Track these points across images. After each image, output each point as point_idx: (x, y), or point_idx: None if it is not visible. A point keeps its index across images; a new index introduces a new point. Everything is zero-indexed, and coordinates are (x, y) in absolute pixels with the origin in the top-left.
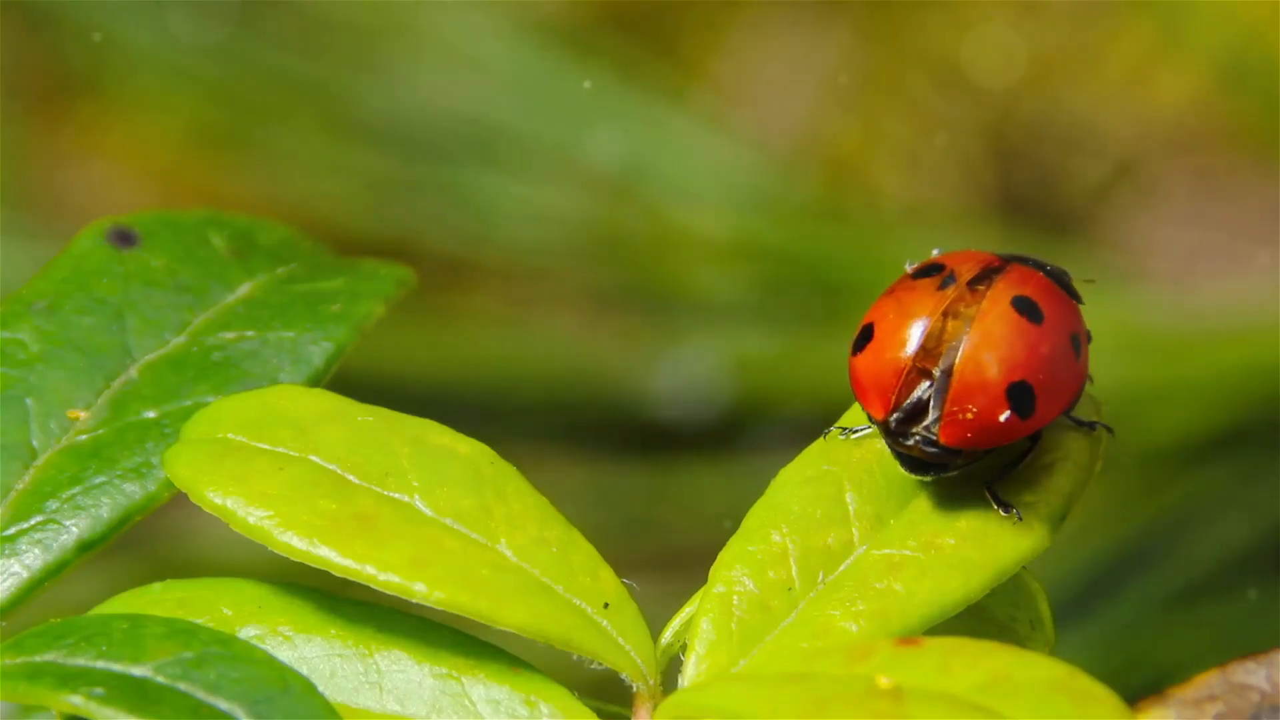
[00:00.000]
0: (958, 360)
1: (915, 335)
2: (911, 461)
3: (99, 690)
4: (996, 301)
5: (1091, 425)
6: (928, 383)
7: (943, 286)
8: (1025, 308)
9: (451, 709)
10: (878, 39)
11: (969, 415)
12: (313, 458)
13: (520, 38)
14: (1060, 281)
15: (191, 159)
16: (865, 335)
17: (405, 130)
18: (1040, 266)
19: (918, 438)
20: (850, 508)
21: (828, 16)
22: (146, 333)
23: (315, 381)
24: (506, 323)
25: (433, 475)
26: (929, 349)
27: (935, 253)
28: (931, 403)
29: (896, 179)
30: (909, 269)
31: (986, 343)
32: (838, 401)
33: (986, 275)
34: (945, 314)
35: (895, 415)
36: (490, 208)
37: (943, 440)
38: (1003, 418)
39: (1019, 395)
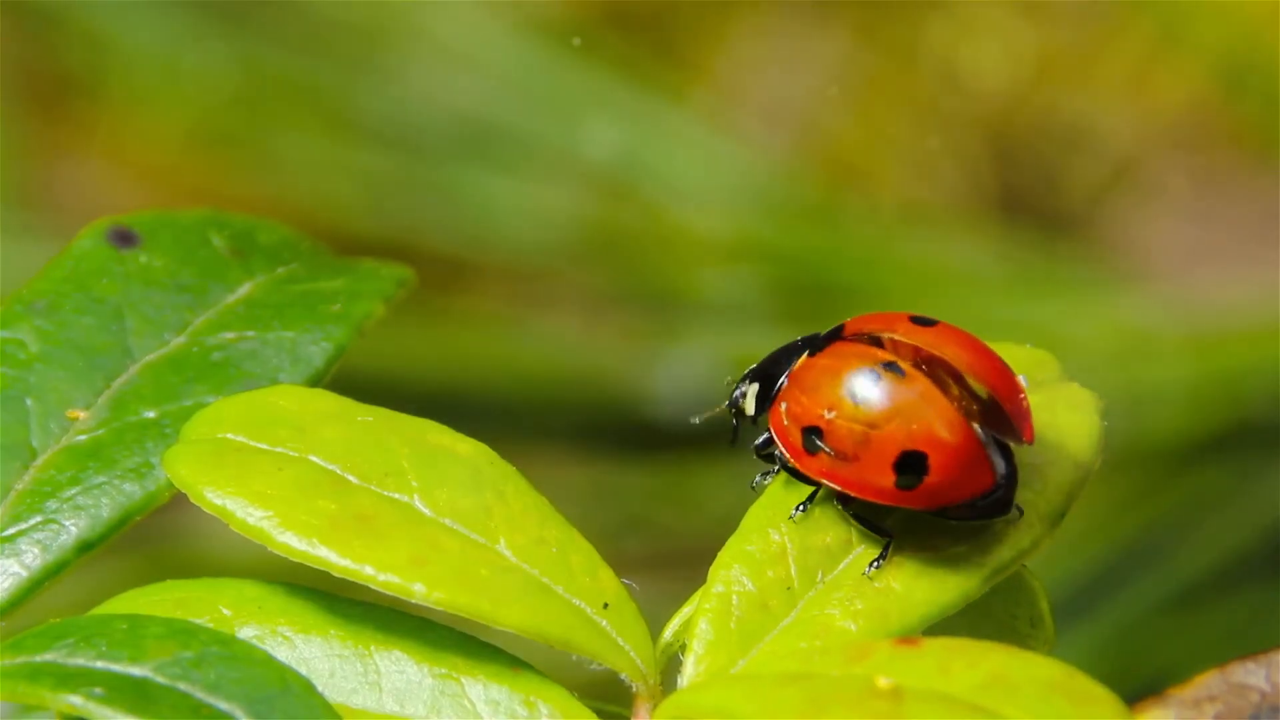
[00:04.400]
0: (979, 382)
1: (952, 409)
2: (1009, 501)
3: (98, 690)
4: (917, 334)
5: None
6: (984, 424)
7: (901, 373)
8: (924, 321)
9: (451, 709)
10: (878, 39)
11: (1023, 401)
12: (312, 458)
13: (520, 38)
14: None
15: (191, 159)
16: (914, 463)
17: (405, 130)
18: (829, 332)
19: (1013, 470)
20: None
21: (828, 16)
22: (146, 333)
23: (315, 381)
24: (506, 323)
25: (432, 475)
26: (963, 405)
27: (781, 406)
28: (998, 427)
29: (896, 179)
30: (832, 415)
31: (966, 355)
32: None
33: (868, 342)
34: (931, 377)
35: (997, 470)
36: (490, 208)
37: (1029, 440)
38: (1025, 383)
39: (1005, 362)
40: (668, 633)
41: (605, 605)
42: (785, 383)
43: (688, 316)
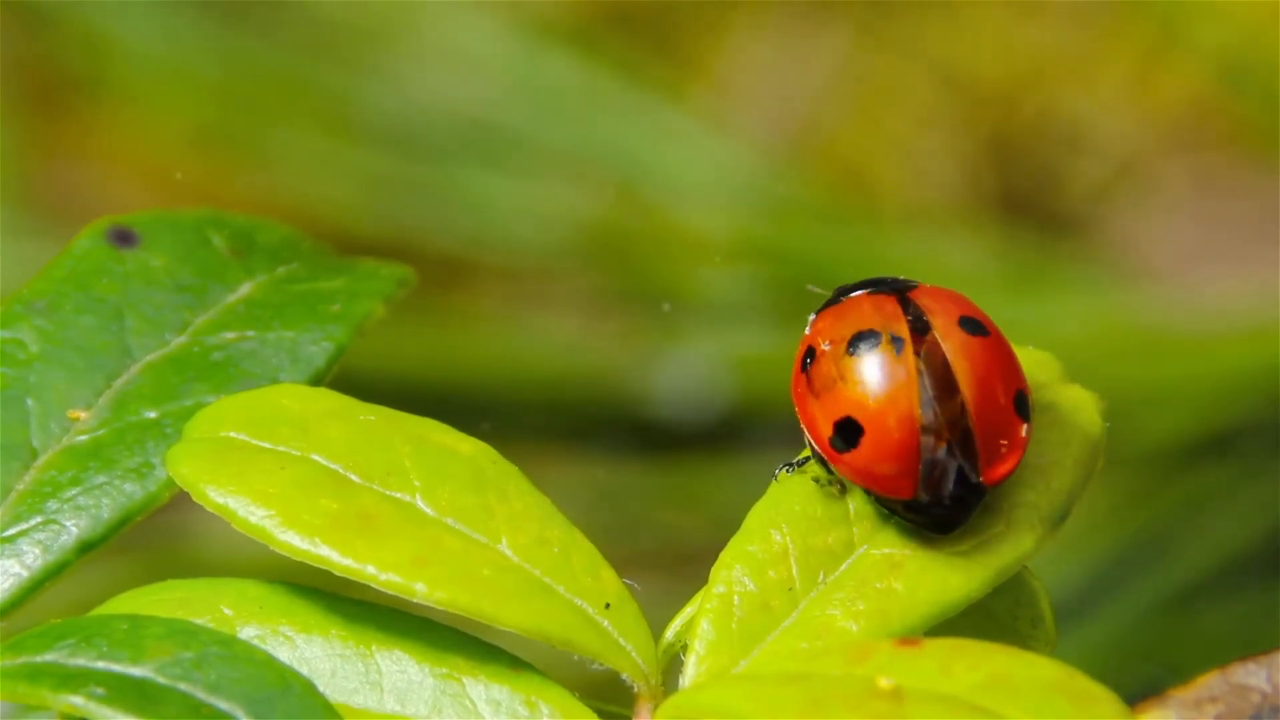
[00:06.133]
0: (967, 404)
1: (913, 409)
2: (943, 523)
3: (99, 690)
4: (950, 334)
5: None
6: (940, 443)
7: (899, 351)
8: (973, 327)
9: (452, 709)
10: (878, 39)
11: (1003, 448)
12: (314, 456)
13: (520, 38)
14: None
15: (191, 159)
16: (850, 430)
17: (405, 130)
18: (911, 283)
19: (950, 499)
20: (851, 507)
21: (828, 16)
22: (147, 332)
23: (316, 381)
24: (506, 323)
25: (434, 474)
26: (925, 411)
27: (812, 317)
28: (961, 456)
29: (896, 179)
30: (828, 348)
31: (976, 375)
32: None
33: (911, 312)
34: (919, 372)
35: (924, 488)
36: (490, 208)
37: (987, 482)
38: (1024, 433)
39: (1021, 406)
40: (669, 633)
41: (607, 605)
42: (837, 303)
43: (688, 316)
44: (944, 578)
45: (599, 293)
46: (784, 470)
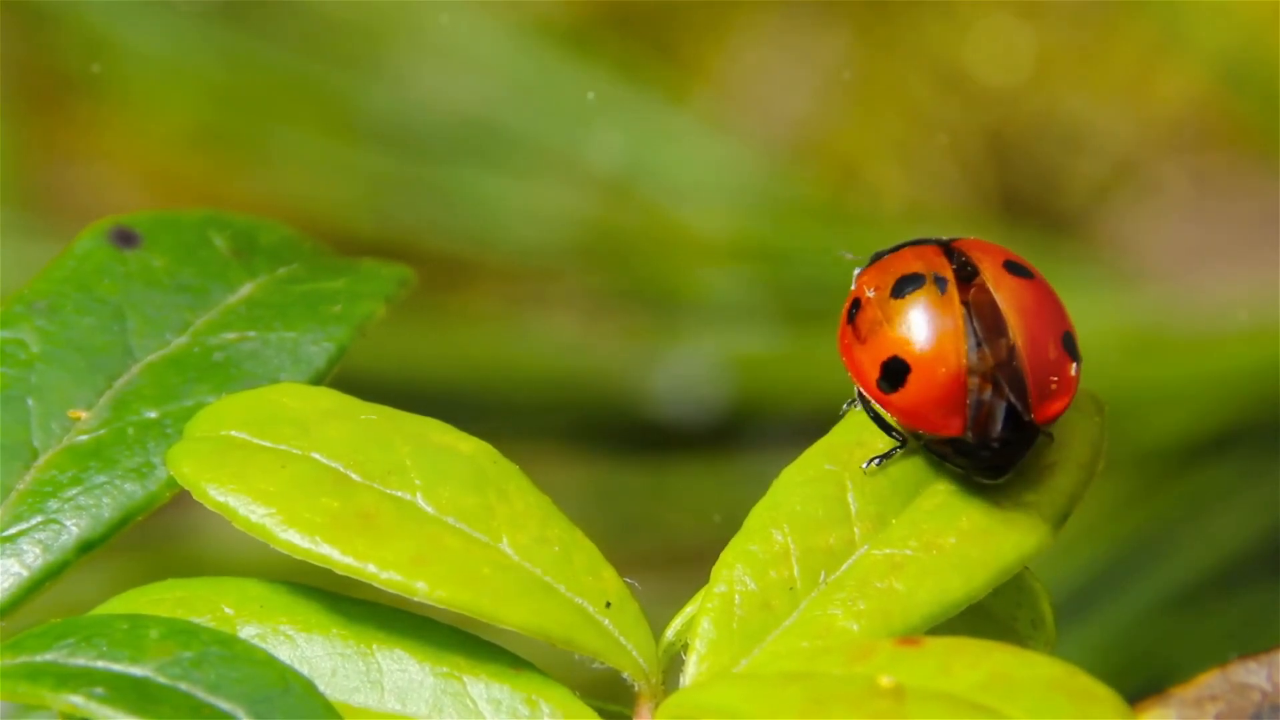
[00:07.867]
0: (1015, 342)
1: (959, 344)
2: (993, 467)
3: (99, 690)
4: (999, 278)
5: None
6: (988, 381)
7: (943, 290)
8: (1018, 270)
9: (452, 708)
10: (878, 39)
11: (1053, 385)
12: (315, 455)
13: (520, 38)
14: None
15: (191, 159)
16: (897, 370)
17: (405, 130)
18: (951, 238)
19: (999, 440)
20: (852, 507)
21: (828, 16)
22: (148, 333)
23: (317, 381)
24: (506, 323)
25: (435, 473)
26: (972, 348)
27: (857, 272)
28: (1010, 394)
29: (896, 179)
30: (872, 294)
31: (1025, 315)
32: (837, 401)
33: (956, 260)
34: (965, 311)
35: (973, 426)
36: (490, 208)
37: (1039, 420)
38: (1073, 371)
39: (1069, 344)
40: (670, 632)
41: (607, 604)
42: (883, 259)
43: (688, 316)
44: (944, 578)
45: (599, 293)
46: (849, 406)
